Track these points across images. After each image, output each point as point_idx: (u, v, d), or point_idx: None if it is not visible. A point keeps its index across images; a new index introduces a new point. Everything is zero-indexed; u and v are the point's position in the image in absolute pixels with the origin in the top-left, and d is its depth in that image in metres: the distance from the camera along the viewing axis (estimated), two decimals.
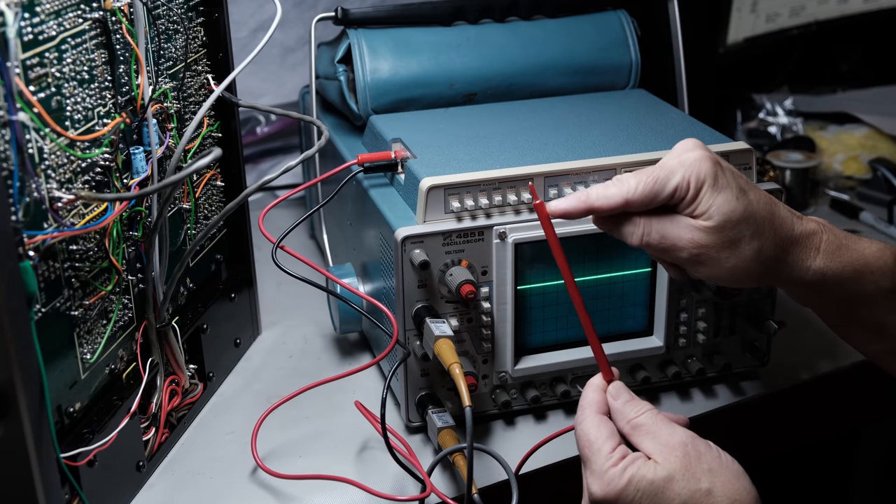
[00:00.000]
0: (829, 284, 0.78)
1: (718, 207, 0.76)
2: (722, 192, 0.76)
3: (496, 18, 1.15)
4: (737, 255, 0.76)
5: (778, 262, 0.78)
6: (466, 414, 0.79)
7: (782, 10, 1.60)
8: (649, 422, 0.74)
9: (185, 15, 0.94)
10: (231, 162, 1.03)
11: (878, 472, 1.48)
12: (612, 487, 0.71)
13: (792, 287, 0.81)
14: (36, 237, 0.71)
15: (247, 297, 1.08)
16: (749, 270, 0.77)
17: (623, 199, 0.77)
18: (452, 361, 0.84)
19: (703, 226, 0.76)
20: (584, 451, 0.74)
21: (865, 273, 0.79)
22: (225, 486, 0.89)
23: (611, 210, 0.78)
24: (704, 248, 0.76)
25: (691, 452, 0.71)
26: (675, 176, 0.76)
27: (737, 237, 0.76)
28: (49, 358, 0.74)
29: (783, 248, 0.78)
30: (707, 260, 0.77)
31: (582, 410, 0.76)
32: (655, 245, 0.78)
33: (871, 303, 0.79)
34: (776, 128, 1.57)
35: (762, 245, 0.77)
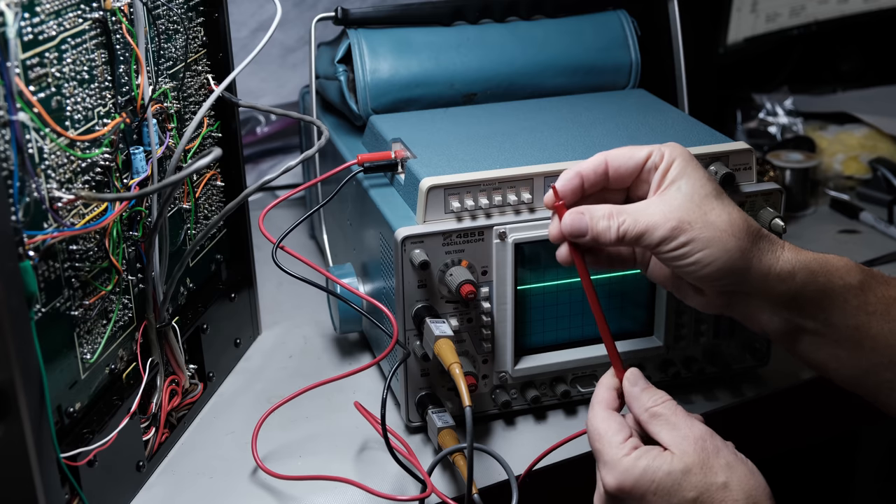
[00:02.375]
0: (800, 276, 0.77)
1: (690, 176, 0.76)
2: (695, 168, 0.77)
3: (496, 18, 1.15)
4: (710, 227, 0.75)
5: (752, 241, 0.76)
6: (466, 414, 0.79)
7: (782, 10, 1.60)
8: (668, 412, 0.73)
9: (185, 15, 0.94)
10: (231, 162, 1.03)
11: (880, 472, 1.48)
12: (628, 477, 0.70)
13: (766, 282, 0.77)
14: (36, 237, 0.71)
15: (247, 297, 1.08)
16: (727, 248, 0.75)
17: (602, 156, 0.79)
18: (452, 361, 0.84)
19: (674, 194, 0.76)
20: (595, 445, 0.74)
21: (831, 269, 0.78)
22: (225, 487, 0.89)
23: (594, 170, 0.79)
24: (678, 222, 0.74)
25: (709, 447, 0.71)
26: (649, 146, 0.79)
27: (708, 208, 0.75)
28: (49, 358, 0.74)
29: (753, 232, 0.76)
30: (684, 241, 0.75)
31: (592, 408, 0.76)
32: (632, 233, 0.76)
33: (842, 301, 0.77)
34: (776, 128, 1.57)
35: (732, 216, 0.76)
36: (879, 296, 0.78)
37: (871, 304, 0.78)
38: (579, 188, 0.79)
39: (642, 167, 0.78)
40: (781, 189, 0.97)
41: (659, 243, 0.75)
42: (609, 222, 0.76)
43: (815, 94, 1.70)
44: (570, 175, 0.78)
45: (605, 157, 0.79)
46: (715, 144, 0.97)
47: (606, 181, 0.79)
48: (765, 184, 0.97)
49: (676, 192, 0.76)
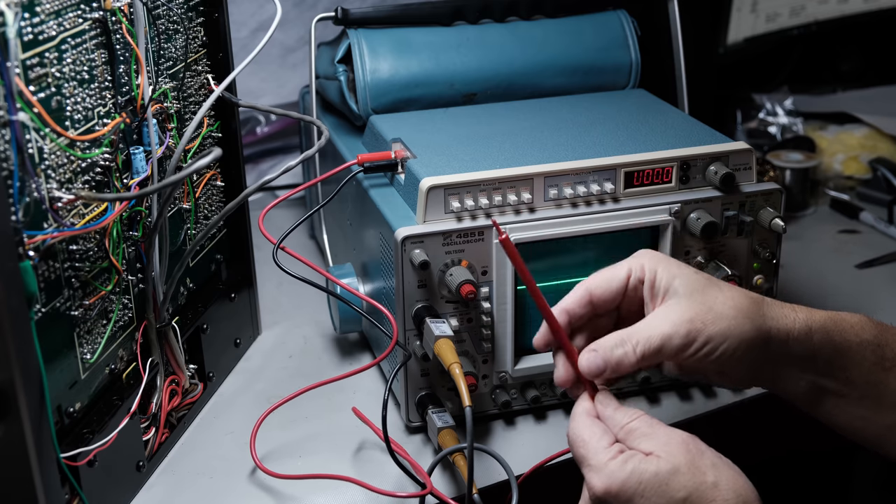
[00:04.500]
0: (817, 337, 0.76)
1: (680, 277, 0.75)
2: (678, 266, 0.76)
3: (496, 18, 1.15)
4: (721, 318, 0.73)
5: (762, 315, 0.75)
6: (466, 414, 0.79)
7: (782, 10, 1.60)
8: (643, 425, 0.72)
9: (185, 15, 0.94)
10: (231, 162, 1.03)
11: (878, 480, 1.48)
12: (615, 479, 0.70)
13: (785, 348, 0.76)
14: (36, 237, 0.71)
15: (247, 297, 1.08)
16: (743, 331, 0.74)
17: (583, 287, 0.77)
18: (452, 361, 0.84)
19: (675, 301, 0.74)
20: (580, 451, 0.73)
21: (845, 326, 0.77)
22: (225, 486, 0.89)
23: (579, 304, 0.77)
24: (690, 324, 0.73)
25: (693, 449, 0.70)
26: (625, 263, 0.77)
27: (711, 301, 0.74)
28: (49, 358, 0.74)
29: (758, 304, 0.75)
30: (703, 342, 0.73)
31: (574, 418, 0.75)
32: (650, 352, 0.74)
33: (860, 359, 0.77)
34: (776, 128, 1.57)
35: (735, 299, 0.75)
36: (895, 350, 0.78)
37: (888, 360, 0.77)
38: (567, 324, 0.77)
39: (626, 287, 0.77)
40: (781, 189, 0.97)
41: (678, 351, 0.74)
42: (625, 349, 0.74)
43: (815, 94, 1.70)
44: (558, 313, 0.77)
45: (586, 288, 0.77)
46: (715, 144, 0.97)
47: (593, 311, 0.78)
48: (765, 184, 0.97)
49: (676, 297, 0.75)
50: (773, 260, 0.98)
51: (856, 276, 1.24)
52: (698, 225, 0.93)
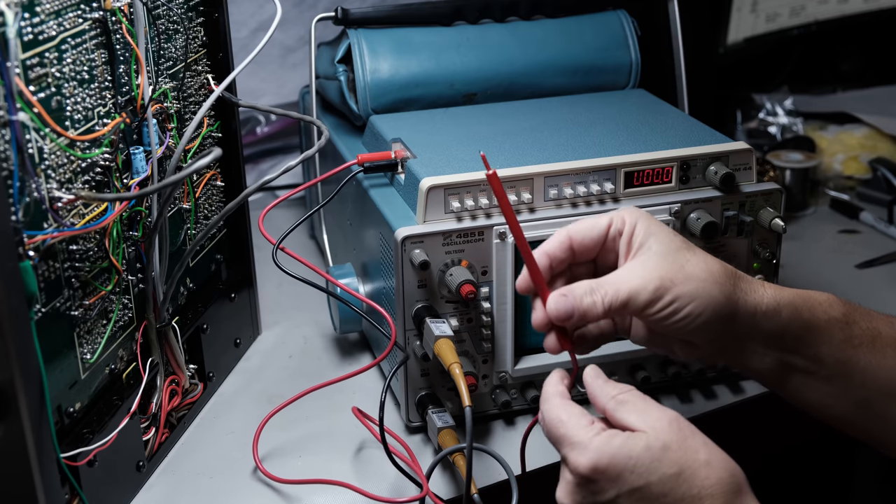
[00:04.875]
0: (786, 312, 0.76)
1: (657, 235, 0.75)
2: (658, 226, 0.76)
3: (496, 18, 1.15)
4: (691, 279, 0.73)
5: (733, 284, 0.75)
6: (466, 414, 0.79)
7: (782, 10, 1.60)
8: (636, 399, 0.70)
9: (185, 15, 0.94)
10: (231, 162, 1.03)
11: (879, 473, 1.48)
12: (602, 455, 0.67)
13: (753, 322, 0.76)
14: (36, 237, 0.71)
15: (247, 297, 1.08)
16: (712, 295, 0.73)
17: (565, 232, 0.77)
18: (452, 361, 0.84)
19: (647, 255, 0.74)
20: (560, 431, 0.70)
21: (814, 303, 0.77)
22: (225, 487, 0.89)
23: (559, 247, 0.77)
24: (660, 281, 0.73)
25: (684, 427, 0.69)
26: (608, 214, 0.77)
27: (683, 261, 0.74)
28: (49, 358, 0.74)
29: (731, 274, 0.75)
30: (670, 300, 0.73)
31: (547, 400, 0.73)
32: (617, 303, 0.74)
33: (828, 336, 0.77)
34: (776, 128, 1.57)
35: (708, 264, 0.75)
36: (864, 328, 0.77)
37: (856, 337, 0.77)
38: (548, 268, 0.77)
39: (605, 236, 0.77)
40: (781, 189, 0.97)
41: (645, 307, 0.74)
42: (593, 297, 0.74)
43: (815, 94, 1.70)
44: (539, 255, 0.77)
45: (567, 233, 0.77)
46: (715, 144, 0.97)
47: (573, 256, 0.78)
48: (765, 184, 0.97)
49: (648, 253, 0.75)
50: (773, 260, 0.98)
51: (856, 276, 1.24)
52: (698, 225, 0.93)
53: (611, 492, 0.67)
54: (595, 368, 0.75)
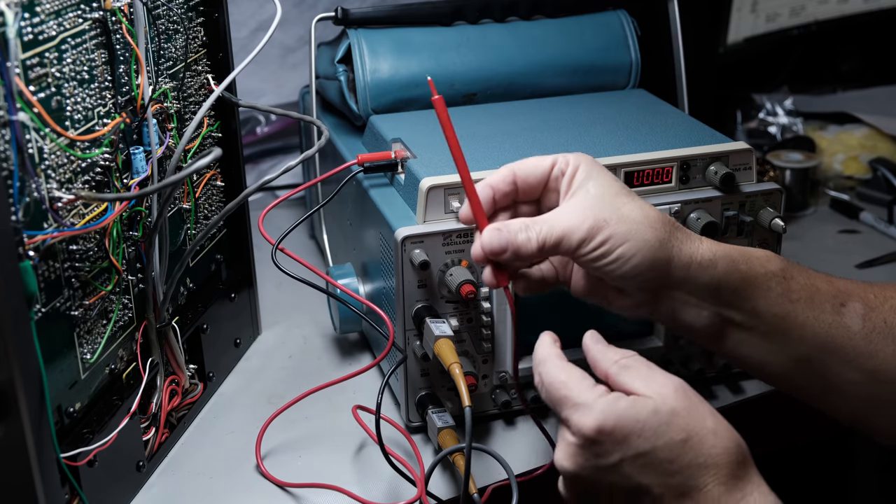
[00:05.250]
0: (722, 264, 0.75)
1: (596, 178, 0.76)
2: (600, 170, 0.77)
3: (496, 18, 1.15)
4: (626, 220, 0.73)
5: (669, 232, 0.75)
6: (466, 414, 0.78)
7: (782, 10, 1.60)
8: (640, 364, 0.69)
9: (185, 15, 0.94)
10: (231, 162, 1.03)
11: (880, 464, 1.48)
12: (609, 417, 0.65)
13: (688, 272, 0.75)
14: (36, 237, 0.71)
15: (247, 297, 1.08)
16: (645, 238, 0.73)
17: (509, 167, 0.78)
18: (452, 361, 0.84)
19: (584, 196, 0.75)
20: (561, 392, 0.68)
21: (750, 257, 0.77)
22: (225, 487, 0.89)
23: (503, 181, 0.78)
24: (594, 220, 0.73)
25: (691, 394, 0.68)
26: (554, 155, 0.78)
27: (620, 203, 0.74)
28: (49, 358, 0.74)
29: (667, 222, 0.75)
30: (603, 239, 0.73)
31: (544, 362, 0.71)
32: (551, 240, 0.74)
33: (765, 289, 0.76)
34: (776, 128, 1.57)
35: (645, 209, 0.75)
36: (802, 283, 0.77)
37: (794, 292, 0.77)
38: (491, 200, 0.78)
39: (549, 175, 0.78)
40: (781, 189, 0.97)
41: (578, 245, 0.74)
42: (528, 234, 0.74)
43: (815, 94, 1.70)
44: (482, 187, 0.77)
45: (511, 168, 0.78)
46: (715, 144, 0.97)
47: (516, 193, 0.78)
48: (765, 184, 0.97)
49: (586, 194, 0.75)
50: None
51: (856, 276, 1.24)
52: (698, 225, 0.93)
53: (615, 455, 0.65)
54: (595, 333, 0.74)
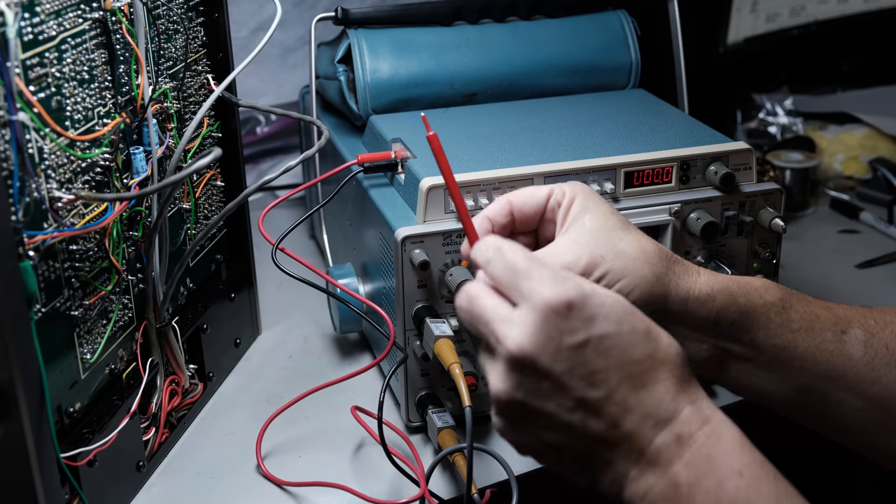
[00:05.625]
0: (720, 298, 0.74)
1: (593, 211, 0.73)
2: (597, 202, 0.75)
3: (496, 18, 1.15)
4: (622, 256, 0.71)
5: (666, 266, 0.73)
6: (466, 414, 0.78)
7: (782, 10, 1.60)
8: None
9: (185, 15, 0.94)
10: (231, 162, 1.03)
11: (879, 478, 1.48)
12: (578, 290, 0.62)
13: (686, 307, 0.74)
14: (36, 237, 0.71)
15: (247, 297, 1.08)
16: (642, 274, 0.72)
17: (506, 199, 0.76)
18: (452, 361, 0.84)
19: (579, 230, 0.73)
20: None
21: (749, 288, 0.75)
22: (225, 487, 0.89)
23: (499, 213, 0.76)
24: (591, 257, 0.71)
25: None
26: (551, 185, 0.76)
27: (616, 239, 0.72)
28: (49, 358, 0.74)
29: (665, 256, 0.74)
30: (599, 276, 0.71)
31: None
32: None
33: (765, 321, 0.75)
34: (776, 128, 1.57)
35: (642, 243, 0.73)
36: (801, 312, 0.76)
37: (794, 322, 0.75)
38: (489, 232, 0.75)
39: (545, 206, 0.76)
40: (781, 189, 0.97)
41: None
42: None
43: (815, 94, 1.70)
44: (479, 219, 0.76)
45: (508, 199, 0.76)
46: (715, 144, 0.97)
47: (513, 224, 0.77)
48: (765, 184, 0.97)
49: (581, 228, 0.73)
50: (773, 260, 0.98)
51: (856, 276, 1.24)
52: (698, 225, 0.93)
53: (581, 333, 0.62)
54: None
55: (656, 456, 0.63)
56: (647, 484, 0.63)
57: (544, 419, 0.64)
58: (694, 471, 0.62)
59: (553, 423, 0.64)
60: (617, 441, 0.63)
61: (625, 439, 0.63)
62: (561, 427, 0.64)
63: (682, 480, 0.61)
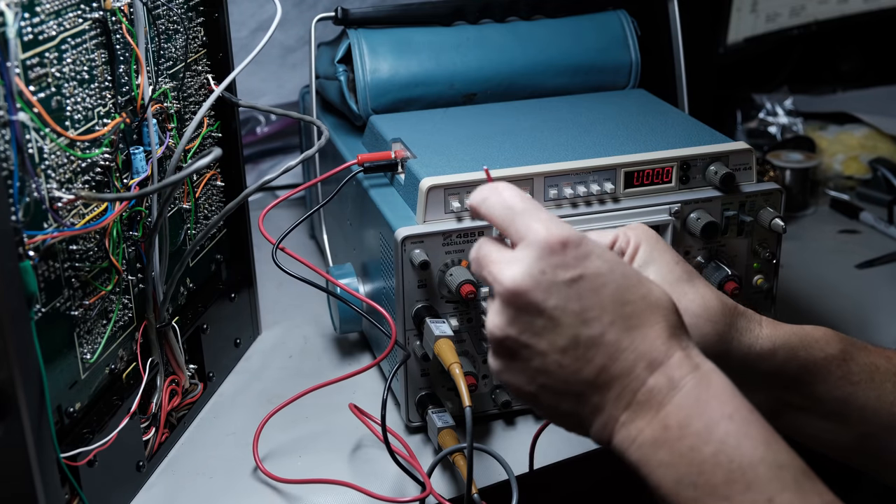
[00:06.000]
0: (781, 353, 0.74)
1: (657, 262, 0.72)
2: (661, 252, 0.73)
3: (496, 18, 1.15)
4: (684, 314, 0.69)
5: (728, 324, 0.73)
6: (466, 414, 0.79)
7: (782, 10, 1.60)
8: None
9: (185, 15, 0.94)
10: (231, 162, 1.03)
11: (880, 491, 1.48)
12: (574, 233, 0.62)
13: (746, 363, 0.74)
14: (36, 237, 0.71)
15: (247, 297, 1.08)
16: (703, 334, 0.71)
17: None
18: (452, 361, 0.84)
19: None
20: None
21: (810, 341, 0.75)
22: (225, 487, 0.89)
23: None
24: None
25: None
26: (616, 230, 0.75)
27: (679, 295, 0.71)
28: (49, 358, 0.74)
29: (728, 312, 0.73)
30: None
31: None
32: None
33: (825, 374, 0.74)
34: (776, 128, 1.57)
35: (706, 299, 0.72)
36: (862, 364, 0.75)
37: (854, 374, 0.75)
38: None
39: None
40: (781, 189, 0.97)
41: None
42: None
43: (815, 94, 1.70)
44: None
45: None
46: (715, 144, 0.97)
47: None
48: (765, 184, 0.97)
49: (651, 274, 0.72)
50: (773, 260, 0.98)
51: (856, 276, 1.24)
52: (698, 225, 0.93)
53: (575, 269, 0.62)
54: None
55: (647, 399, 0.62)
56: (637, 428, 0.62)
57: (537, 357, 0.63)
58: (684, 412, 0.61)
59: (546, 362, 0.63)
60: (608, 383, 0.63)
61: (616, 380, 0.62)
62: (554, 367, 0.63)
63: (671, 422, 0.61)
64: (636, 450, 0.62)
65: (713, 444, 0.60)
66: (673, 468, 0.60)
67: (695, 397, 0.61)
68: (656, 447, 0.61)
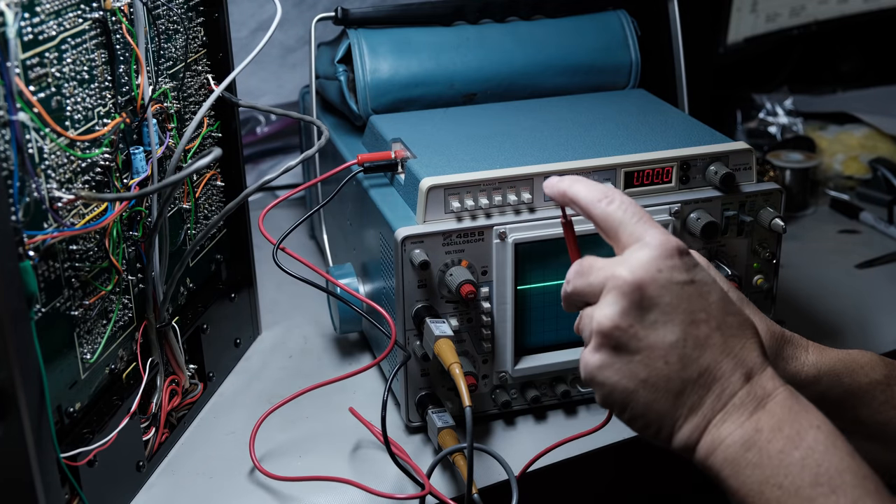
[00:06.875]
0: (826, 380, 0.75)
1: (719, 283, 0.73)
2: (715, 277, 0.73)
3: (496, 18, 1.15)
4: None
5: (775, 352, 0.74)
6: (466, 414, 0.79)
7: (782, 10, 1.60)
8: None
9: (185, 15, 0.94)
10: (231, 162, 1.03)
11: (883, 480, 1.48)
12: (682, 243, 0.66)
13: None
14: (36, 237, 0.71)
15: (247, 297, 1.08)
16: None
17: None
18: (452, 361, 0.84)
19: None
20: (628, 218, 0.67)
21: (855, 367, 0.76)
22: (225, 487, 0.89)
23: None
24: None
25: None
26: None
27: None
28: (49, 358, 0.74)
29: (775, 340, 0.75)
30: None
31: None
32: None
33: (869, 398, 0.76)
34: (776, 128, 1.57)
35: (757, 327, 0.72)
36: None
37: None
38: None
39: None
40: (781, 189, 0.97)
41: None
42: None
43: (815, 94, 1.70)
44: None
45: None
46: (715, 144, 0.97)
47: None
48: (765, 184, 0.97)
49: None
50: (773, 260, 0.98)
51: (856, 276, 1.24)
52: (698, 225, 0.93)
53: (687, 275, 0.65)
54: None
55: (741, 403, 0.64)
56: (728, 430, 0.64)
57: (644, 351, 0.64)
58: (776, 418, 0.63)
59: (652, 356, 0.64)
60: (709, 384, 0.64)
61: (716, 382, 0.64)
62: (659, 362, 0.64)
63: (763, 426, 0.63)
64: (724, 449, 0.64)
65: (802, 449, 0.62)
66: (760, 469, 0.62)
67: (787, 406, 0.64)
68: (746, 447, 0.63)
